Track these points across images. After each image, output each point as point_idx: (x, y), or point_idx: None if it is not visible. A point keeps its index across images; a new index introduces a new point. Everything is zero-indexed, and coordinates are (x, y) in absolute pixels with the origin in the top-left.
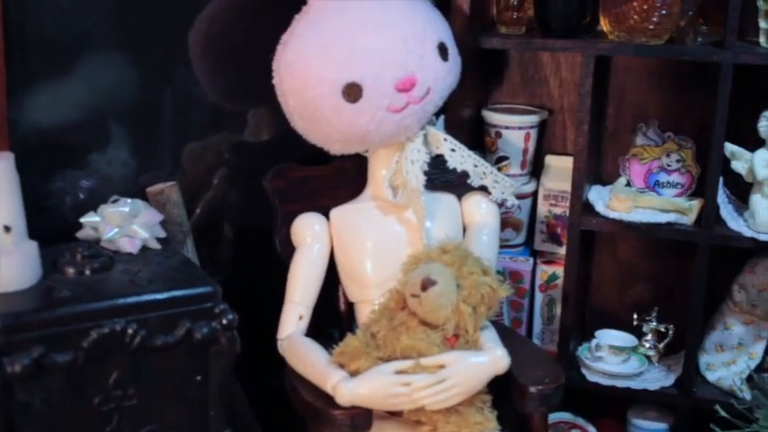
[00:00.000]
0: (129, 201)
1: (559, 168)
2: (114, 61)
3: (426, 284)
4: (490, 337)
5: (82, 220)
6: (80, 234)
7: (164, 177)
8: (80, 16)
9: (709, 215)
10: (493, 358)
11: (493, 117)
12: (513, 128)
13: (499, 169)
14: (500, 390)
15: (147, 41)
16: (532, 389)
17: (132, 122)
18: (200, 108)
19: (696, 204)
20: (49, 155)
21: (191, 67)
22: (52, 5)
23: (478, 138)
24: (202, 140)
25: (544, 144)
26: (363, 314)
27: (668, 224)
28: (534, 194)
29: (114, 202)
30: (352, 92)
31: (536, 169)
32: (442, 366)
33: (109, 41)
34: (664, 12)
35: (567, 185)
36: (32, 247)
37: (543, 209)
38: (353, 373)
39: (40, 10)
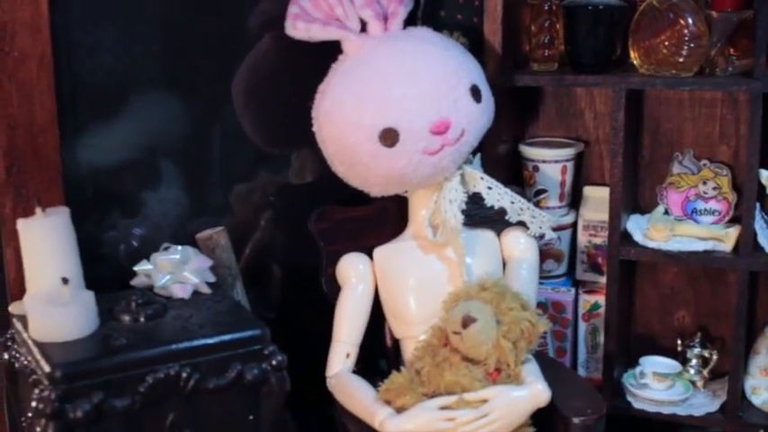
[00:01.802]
0: (179, 248)
1: (597, 199)
2: (163, 106)
3: (467, 322)
4: (532, 370)
5: (135, 268)
6: (134, 282)
7: (212, 221)
8: (129, 64)
9: (747, 241)
10: (534, 392)
11: (529, 151)
12: (550, 161)
13: (538, 202)
14: (544, 421)
15: (195, 87)
16: (576, 420)
17: (182, 167)
18: (246, 152)
19: (733, 231)
20: (101, 204)
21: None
22: (102, 57)
23: (516, 172)
24: (249, 182)
25: (582, 175)
26: (408, 350)
27: (706, 252)
28: (574, 225)
29: (166, 249)
30: (389, 137)
31: (575, 200)
32: (484, 401)
33: (157, 88)
34: (692, 44)
35: (605, 216)
36: (89, 297)
37: (583, 239)
38: (399, 410)
39: (91, 61)
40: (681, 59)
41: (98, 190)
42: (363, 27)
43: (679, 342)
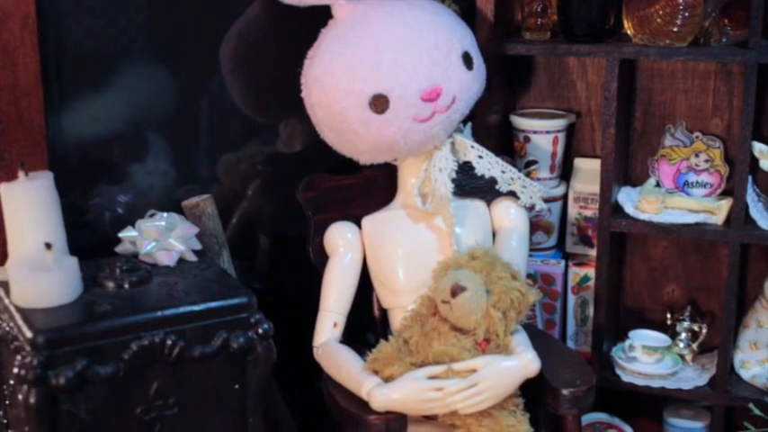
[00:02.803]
0: (165, 215)
1: (588, 171)
2: (150, 75)
3: (456, 290)
4: (521, 340)
5: (120, 234)
6: (118, 248)
7: (199, 189)
8: (115, 32)
9: (739, 214)
10: (523, 362)
11: (521, 122)
12: (541, 132)
13: (528, 173)
14: (533, 392)
15: (182, 55)
16: (564, 391)
17: (168, 135)
18: (234, 120)
19: (725, 204)
20: (86, 171)
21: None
22: (88, 23)
23: (507, 143)
24: (237, 152)
25: (573, 147)
26: (396, 320)
27: (697, 224)
28: (564, 197)
29: (151, 216)
30: (379, 103)
31: (565, 172)
32: (473, 371)
33: (144, 56)
34: (687, 14)
35: (596, 188)
36: (73, 262)
37: (573, 211)
38: (387, 379)
39: (77, 28)
40: (675, 29)
41: (83, 157)
42: None
43: (668, 316)
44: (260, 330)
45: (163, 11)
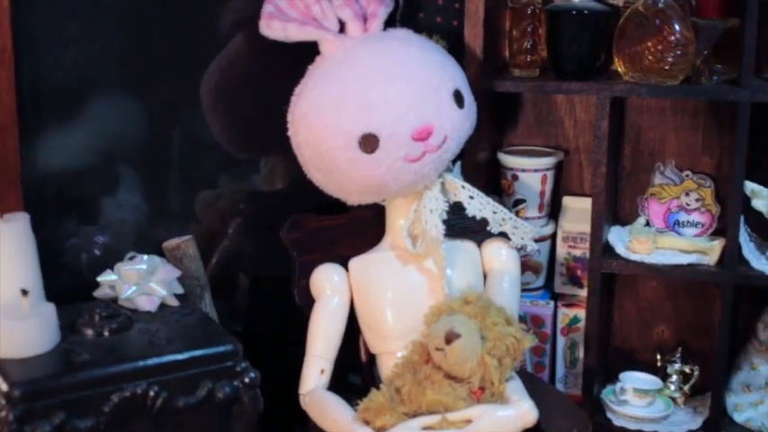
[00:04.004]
0: (145, 257)
1: (577, 209)
2: (126, 110)
3: (450, 337)
4: (516, 388)
5: (99, 279)
6: (97, 293)
7: (178, 228)
8: (93, 66)
9: (732, 255)
10: (520, 412)
11: (509, 160)
12: (530, 170)
13: (517, 212)
14: None
15: (160, 89)
16: None
17: (146, 173)
18: (213, 157)
19: (718, 244)
20: (62, 210)
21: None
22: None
23: (495, 181)
24: (215, 189)
25: (561, 185)
26: (385, 365)
27: (690, 265)
28: (553, 237)
29: (131, 258)
30: (369, 143)
31: (553, 211)
32: (468, 421)
33: (120, 91)
34: (679, 52)
35: (585, 227)
36: (50, 309)
37: (562, 251)
38: (379, 430)
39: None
40: (666, 67)
41: (59, 195)
42: (342, 28)
43: (658, 357)
44: (246, 379)
45: (142, 42)
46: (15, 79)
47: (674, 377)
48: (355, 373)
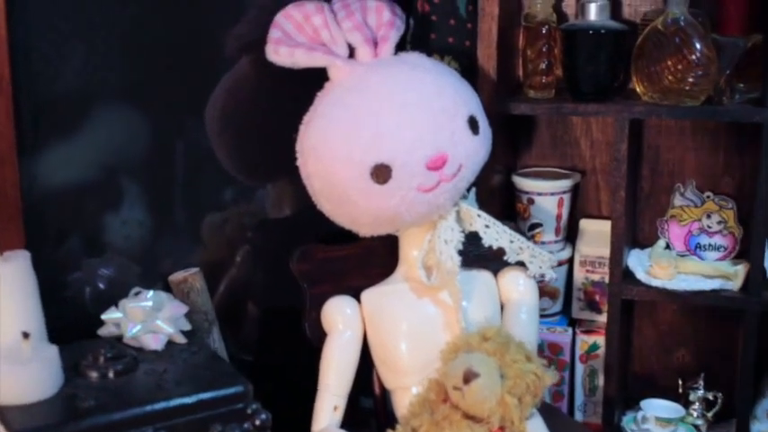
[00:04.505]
0: (151, 293)
1: (595, 233)
2: (130, 133)
3: (469, 377)
4: (537, 426)
5: (104, 317)
6: (101, 331)
7: (184, 258)
8: (92, 95)
9: (756, 280)
10: None
11: (524, 183)
12: (546, 194)
13: (533, 236)
14: None
15: (166, 115)
16: None
17: (149, 203)
18: (220, 184)
19: (742, 269)
20: (65, 243)
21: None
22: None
23: (509, 203)
24: (222, 212)
25: (577, 207)
26: (399, 401)
27: (713, 291)
28: (570, 261)
29: (136, 294)
30: (381, 173)
31: (570, 234)
32: None
33: (122, 112)
34: (700, 72)
35: (603, 250)
36: (53, 352)
37: (580, 276)
38: None
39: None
40: (687, 87)
41: (61, 227)
42: (351, 53)
43: (680, 383)
44: (257, 422)
45: (143, 69)
46: (14, 108)
47: (697, 404)
48: (366, 396)
